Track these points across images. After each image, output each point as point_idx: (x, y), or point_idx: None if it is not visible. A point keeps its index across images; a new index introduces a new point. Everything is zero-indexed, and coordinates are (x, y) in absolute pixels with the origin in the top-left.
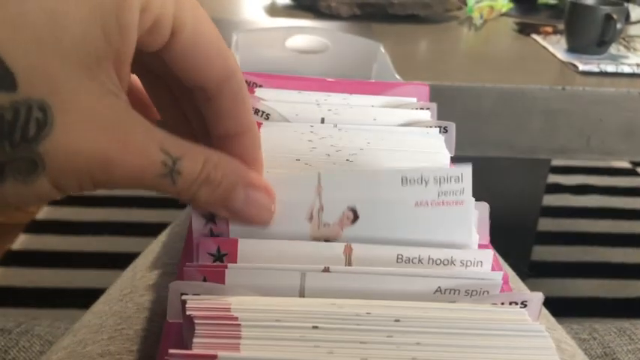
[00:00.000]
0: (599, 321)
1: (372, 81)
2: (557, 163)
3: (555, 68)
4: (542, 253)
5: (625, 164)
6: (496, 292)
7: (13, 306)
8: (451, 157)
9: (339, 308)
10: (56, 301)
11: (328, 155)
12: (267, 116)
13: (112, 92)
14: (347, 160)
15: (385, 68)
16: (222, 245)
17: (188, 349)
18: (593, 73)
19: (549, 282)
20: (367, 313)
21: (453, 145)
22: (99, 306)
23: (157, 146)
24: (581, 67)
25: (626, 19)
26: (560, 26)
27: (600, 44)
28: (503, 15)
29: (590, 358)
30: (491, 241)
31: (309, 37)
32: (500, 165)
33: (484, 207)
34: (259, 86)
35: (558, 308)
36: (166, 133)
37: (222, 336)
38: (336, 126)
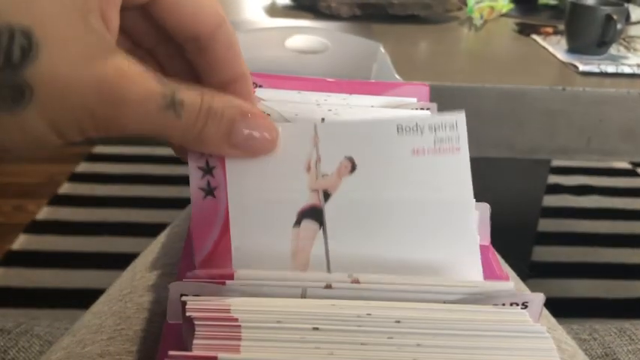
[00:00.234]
0: (600, 321)
1: (372, 81)
2: (557, 163)
3: (555, 69)
4: (543, 253)
5: (625, 165)
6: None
7: (12, 306)
8: None
9: (340, 309)
10: (56, 301)
11: None
12: (268, 116)
13: (98, 31)
14: None
15: (385, 68)
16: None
17: (188, 350)
18: (593, 73)
19: (550, 282)
20: (368, 315)
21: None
22: (98, 306)
23: (152, 77)
24: (582, 67)
25: (627, 20)
26: (561, 27)
27: (600, 45)
28: (503, 15)
29: (591, 358)
30: (491, 242)
31: (309, 38)
32: (500, 165)
33: (485, 208)
34: (259, 86)
35: (559, 309)
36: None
37: (222, 337)
38: None
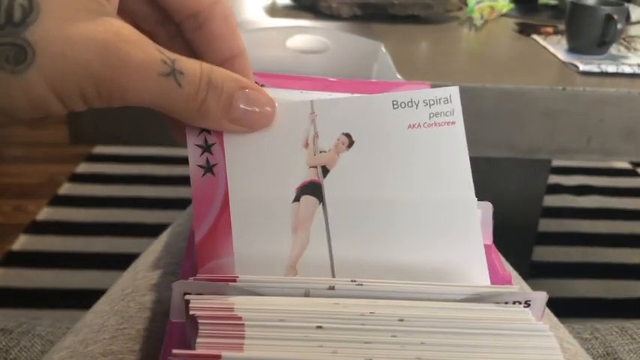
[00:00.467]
0: (601, 321)
1: (374, 80)
2: (557, 163)
3: (556, 68)
4: (543, 253)
5: (625, 165)
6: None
7: (13, 307)
8: None
9: (344, 308)
10: (56, 301)
11: None
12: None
13: (98, 0)
14: None
15: (386, 68)
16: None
17: (191, 349)
18: (593, 73)
19: (550, 282)
20: (371, 313)
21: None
22: (100, 306)
23: (152, 44)
24: (582, 67)
25: (627, 20)
26: (561, 26)
27: (601, 44)
28: (503, 15)
29: (592, 357)
30: (492, 242)
31: (310, 37)
32: (500, 165)
33: (487, 207)
34: (261, 86)
35: (560, 308)
36: None
37: (225, 336)
38: None
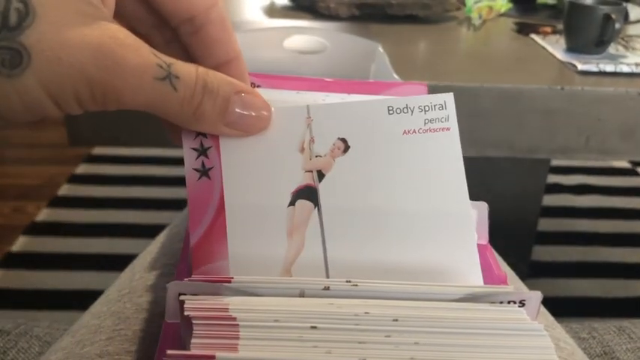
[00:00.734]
0: (600, 320)
1: (371, 81)
2: (556, 163)
3: (554, 68)
4: (542, 252)
5: (625, 164)
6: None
7: (12, 308)
8: None
9: (338, 308)
10: (55, 302)
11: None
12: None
13: (94, 1)
14: None
15: (384, 68)
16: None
17: (186, 349)
18: (592, 72)
19: (549, 282)
20: (365, 313)
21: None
22: (97, 307)
23: (147, 48)
24: (580, 66)
25: (625, 19)
26: (559, 26)
27: (599, 44)
28: (502, 15)
29: (590, 357)
30: (491, 241)
31: (308, 38)
32: (499, 165)
33: (483, 207)
34: (257, 86)
35: (558, 308)
36: None
37: (220, 336)
38: None
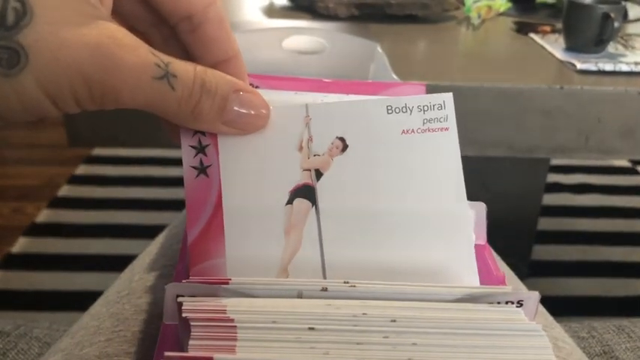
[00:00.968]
0: (599, 319)
1: (369, 81)
2: (556, 162)
3: (553, 67)
4: (542, 252)
5: (625, 163)
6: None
7: (12, 309)
8: None
9: (336, 309)
10: (55, 303)
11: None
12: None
13: (92, 3)
14: None
15: (382, 68)
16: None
17: (184, 351)
18: (591, 71)
19: (549, 281)
20: (363, 314)
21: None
22: (96, 308)
23: (145, 47)
24: (579, 65)
25: (624, 18)
26: (559, 25)
27: (598, 43)
28: (501, 14)
29: (589, 356)
30: (491, 241)
31: (306, 38)
32: (499, 165)
33: (481, 207)
34: (255, 87)
35: (558, 307)
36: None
37: (218, 338)
38: None
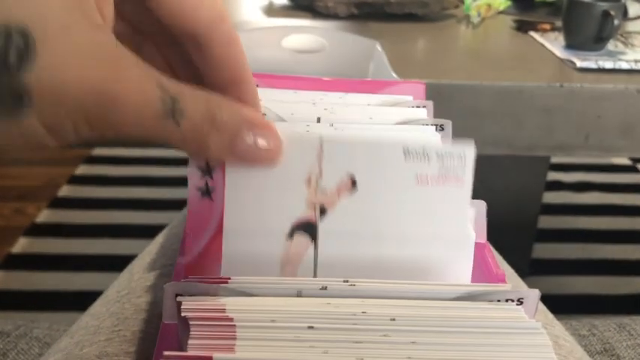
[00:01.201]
0: (599, 317)
1: (368, 80)
2: (556, 160)
3: (553, 65)
4: (543, 250)
5: (625, 161)
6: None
7: (12, 309)
8: None
9: (335, 308)
10: (56, 304)
11: None
12: (263, 116)
13: (98, 25)
14: None
15: (382, 67)
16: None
17: (184, 350)
18: (591, 69)
19: (550, 279)
20: (363, 313)
21: (450, 143)
22: (96, 307)
23: (152, 82)
24: (579, 63)
25: (624, 16)
26: (558, 23)
27: (598, 41)
28: (500, 13)
29: (590, 354)
30: (491, 239)
31: (306, 37)
32: (499, 163)
33: (481, 205)
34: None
35: (560, 305)
36: (162, 73)
37: (217, 337)
38: (332, 125)
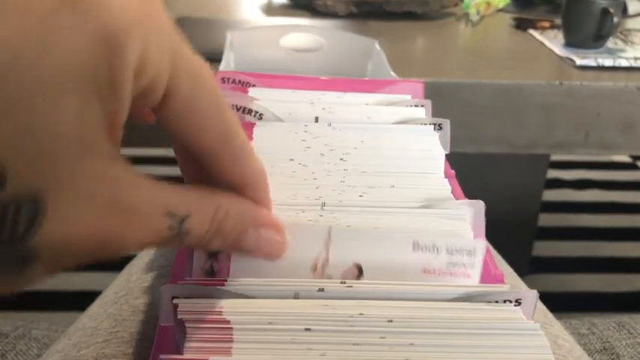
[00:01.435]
0: (599, 315)
1: (366, 79)
2: (556, 157)
3: (553, 63)
4: (543, 248)
5: (625, 158)
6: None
7: (11, 309)
8: (447, 154)
9: (332, 310)
10: (55, 303)
11: (322, 155)
12: (261, 116)
13: (109, 159)
14: (341, 159)
15: (381, 65)
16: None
17: (180, 353)
18: (590, 67)
19: (551, 277)
20: (360, 315)
21: (448, 142)
22: (94, 309)
23: (161, 212)
24: (579, 61)
25: (624, 13)
26: (558, 21)
27: (597, 38)
28: (500, 11)
29: (589, 353)
30: (492, 238)
31: (304, 36)
32: (499, 161)
33: (479, 205)
34: (253, 86)
35: (560, 303)
36: (171, 188)
37: (214, 340)
38: (330, 125)
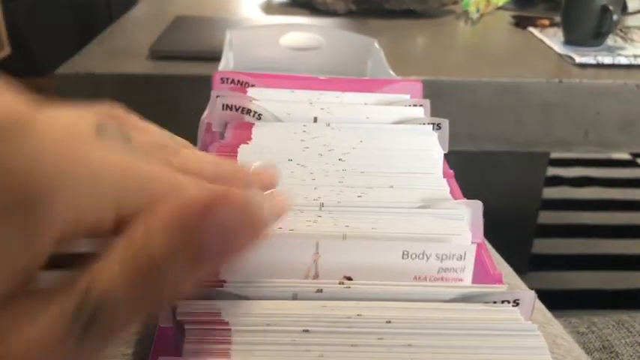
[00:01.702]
0: (598, 314)
1: (365, 78)
2: (556, 155)
3: (552, 61)
4: (543, 245)
5: (625, 155)
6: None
7: None
8: (445, 154)
9: (330, 311)
10: None
11: (321, 155)
12: (259, 116)
13: None
14: (339, 159)
15: (380, 64)
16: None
17: (180, 354)
18: (590, 65)
19: (551, 275)
20: (358, 315)
21: (447, 142)
22: None
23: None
24: (578, 59)
25: (623, 10)
26: (557, 19)
27: (597, 36)
28: (499, 8)
29: (589, 351)
30: (492, 236)
31: (303, 35)
32: (499, 159)
33: (477, 205)
34: (251, 86)
35: (558, 301)
36: None
37: (212, 341)
38: (328, 125)
